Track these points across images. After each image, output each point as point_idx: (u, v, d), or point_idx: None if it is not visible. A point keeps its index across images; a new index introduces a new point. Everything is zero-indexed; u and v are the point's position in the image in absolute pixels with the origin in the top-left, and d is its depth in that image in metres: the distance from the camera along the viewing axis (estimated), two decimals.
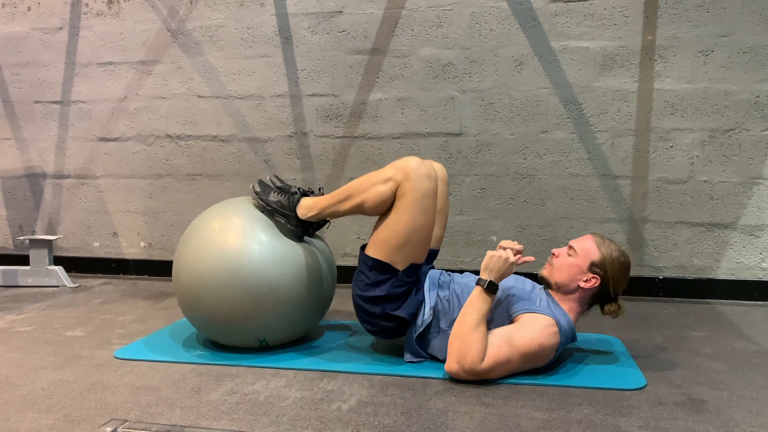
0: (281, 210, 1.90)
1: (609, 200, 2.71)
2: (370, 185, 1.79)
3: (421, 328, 1.79)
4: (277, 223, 1.91)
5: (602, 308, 1.80)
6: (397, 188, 1.76)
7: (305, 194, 1.94)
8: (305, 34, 2.89)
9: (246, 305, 1.80)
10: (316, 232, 2.04)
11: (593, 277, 1.74)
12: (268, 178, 2.02)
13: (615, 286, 1.76)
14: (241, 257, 1.80)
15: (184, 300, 1.88)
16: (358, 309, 1.84)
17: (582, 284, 1.75)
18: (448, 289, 1.84)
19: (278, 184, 1.98)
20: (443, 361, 1.83)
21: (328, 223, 1.99)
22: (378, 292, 1.78)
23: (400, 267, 1.77)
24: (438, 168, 1.99)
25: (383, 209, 1.79)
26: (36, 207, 3.29)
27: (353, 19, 2.84)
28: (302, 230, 1.92)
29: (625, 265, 1.76)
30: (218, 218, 1.89)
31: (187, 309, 1.89)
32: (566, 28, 2.66)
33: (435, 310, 1.80)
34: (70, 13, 3.11)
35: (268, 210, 1.92)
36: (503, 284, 1.78)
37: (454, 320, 1.76)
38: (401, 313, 1.78)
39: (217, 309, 1.81)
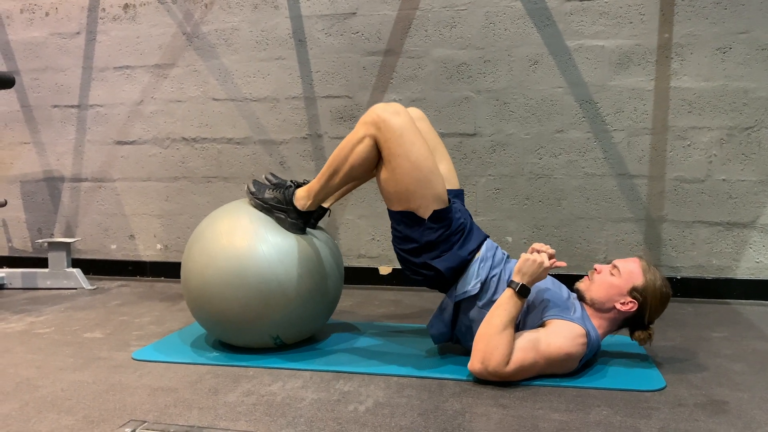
0: (279, 205, 1.91)
1: (626, 200, 2.68)
2: (349, 151, 1.77)
3: (462, 296, 1.76)
4: (278, 219, 1.91)
5: (632, 333, 1.77)
6: (375, 142, 1.74)
7: (300, 186, 1.93)
8: (319, 36, 2.90)
9: (255, 304, 1.81)
10: (323, 228, 2.04)
11: (631, 302, 1.71)
12: (263, 176, 2.03)
13: (651, 315, 1.73)
14: (248, 257, 1.81)
15: (194, 304, 1.90)
16: (402, 261, 1.83)
17: (618, 306, 1.71)
18: (500, 269, 1.80)
19: (274, 180, 1.98)
20: (461, 341, 1.83)
21: (328, 212, 2.00)
22: (413, 243, 1.77)
23: (424, 214, 1.74)
24: (410, 109, 1.98)
25: (372, 166, 1.78)
26: (54, 210, 3.33)
27: (367, 21, 2.84)
28: (303, 222, 1.92)
29: (666, 296, 1.73)
30: (224, 220, 1.90)
31: (197, 312, 1.91)
32: (581, 26, 2.64)
33: (481, 285, 1.77)
34: (87, 18, 3.15)
35: (266, 208, 1.92)
36: (539, 285, 1.76)
37: (491, 301, 1.74)
38: (439, 264, 1.75)
39: (227, 310, 1.82)
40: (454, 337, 1.86)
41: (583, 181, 2.71)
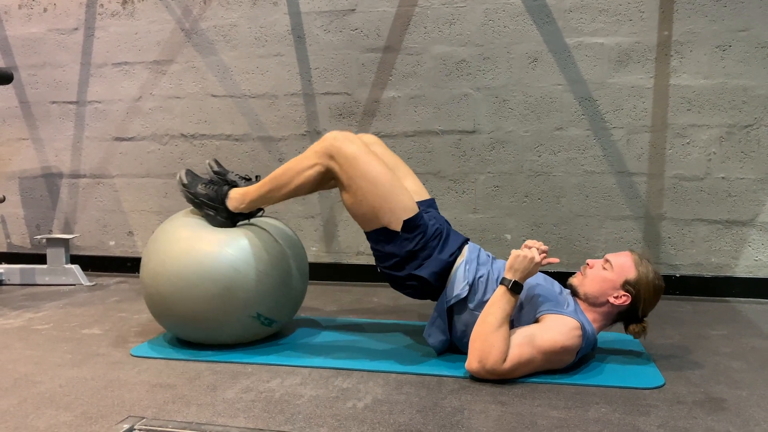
0: (210, 203, 1.93)
1: (625, 197, 2.68)
2: (296, 174, 1.82)
3: (453, 301, 1.77)
4: (206, 216, 1.94)
5: (626, 326, 1.78)
6: (326, 170, 1.79)
7: (235, 185, 1.95)
8: (318, 32, 2.89)
9: (220, 294, 1.82)
10: (259, 215, 2.08)
11: (624, 295, 1.71)
12: (207, 162, 2.04)
13: (644, 308, 1.73)
14: (197, 258, 1.83)
15: (163, 315, 1.91)
16: (389, 279, 1.85)
17: (612, 300, 1.72)
18: (486, 269, 1.81)
19: (216, 168, 2.00)
20: (458, 346, 1.83)
21: (261, 211, 2.02)
22: (394, 258, 1.79)
23: (396, 227, 1.77)
24: (364, 135, 2.03)
25: (316, 189, 1.89)
26: (53, 206, 3.32)
27: (366, 17, 2.83)
28: (233, 221, 1.96)
29: (659, 289, 1.73)
30: (183, 227, 1.92)
31: (170, 324, 1.92)
32: (581, 24, 2.64)
33: (470, 286, 1.78)
34: (86, 13, 3.14)
35: (196, 203, 1.94)
36: (531, 282, 1.77)
37: (482, 302, 1.75)
38: (422, 272, 1.77)
39: (194, 311, 1.84)
40: (453, 343, 1.87)
41: (582, 179, 2.71)
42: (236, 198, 1.91)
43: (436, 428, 1.37)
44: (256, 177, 2.01)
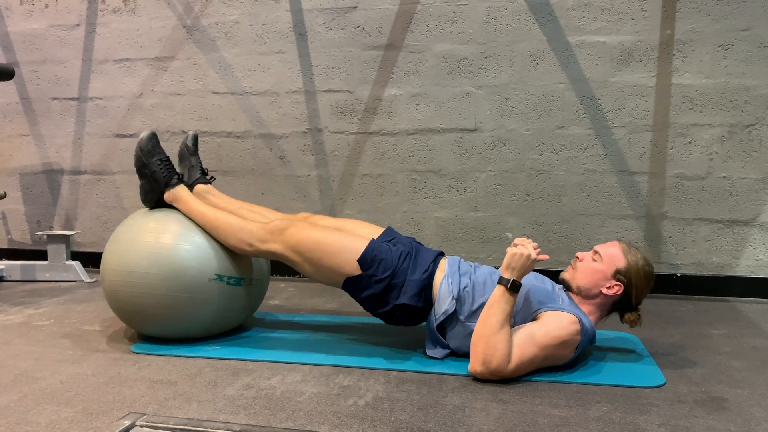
0: (153, 180, 1.99)
1: (626, 197, 2.68)
2: (238, 241, 1.90)
3: (442, 318, 1.77)
4: (141, 186, 2.01)
5: (621, 316, 1.78)
6: (276, 249, 1.86)
7: (183, 181, 2.04)
8: (320, 29, 2.89)
9: (169, 277, 1.85)
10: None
11: (616, 285, 1.72)
12: (189, 134, 2.09)
13: (637, 295, 1.74)
14: (171, 256, 1.86)
15: (123, 312, 1.93)
16: (383, 319, 1.86)
17: (604, 290, 1.73)
18: (469, 278, 1.81)
19: (190, 145, 2.11)
20: (460, 354, 1.83)
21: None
22: (374, 299, 1.81)
23: (356, 272, 1.80)
24: (299, 215, 2.10)
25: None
26: (53, 203, 3.32)
27: (368, 15, 2.83)
28: (155, 203, 2.02)
29: (650, 275, 1.74)
30: (150, 222, 1.95)
31: (139, 322, 1.94)
32: (583, 22, 2.63)
33: (456, 300, 1.77)
34: (87, 9, 3.13)
35: (143, 172, 1.99)
36: (523, 281, 1.76)
37: (472, 312, 1.75)
38: (403, 300, 1.77)
39: (151, 302, 1.87)
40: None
41: (583, 178, 2.71)
42: (176, 197, 1.99)
43: (437, 426, 1.37)
44: (211, 178, 2.13)
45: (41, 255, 3.28)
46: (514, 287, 1.64)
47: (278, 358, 1.82)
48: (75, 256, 3.24)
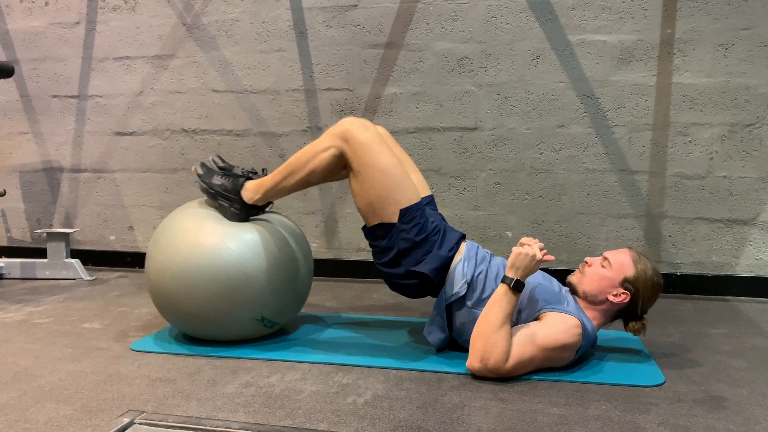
0: (225, 194, 1.92)
1: (626, 196, 2.68)
2: (311, 157, 1.80)
3: (452, 299, 1.77)
4: (220, 207, 1.93)
5: (626, 324, 1.77)
6: (340, 153, 1.77)
7: (249, 177, 1.94)
8: (320, 28, 2.88)
9: (225, 297, 1.81)
10: (266, 211, 2.06)
11: (623, 293, 1.71)
12: (210, 158, 2.03)
13: (644, 305, 1.73)
14: (209, 254, 1.81)
15: (168, 311, 1.90)
16: (386, 277, 1.83)
17: (611, 298, 1.72)
18: (485, 266, 1.80)
19: (220, 164, 2.00)
20: (457, 343, 1.83)
21: (271, 204, 2.01)
22: (391, 253, 1.77)
23: (394, 218, 1.76)
24: (377, 127, 2.00)
25: (331, 176, 1.85)
26: (53, 200, 3.32)
27: (368, 13, 2.82)
28: (245, 214, 1.94)
29: (658, 286, 1.73)
30: (190, 219, 1.90)
31: (173, 318, 1.91)
32: (583, 21, 2.63)
33: (468, 285, 1.77)
34: (87, 7, 3.13)
35: (211, 193, 1.93)
36: (530, 280, 1.76)
37: (481, 300, 1.74)
38: (422, 268, 1.75)
39: (197, 309, 1.83)
40: (453, 340, 1.86)
41: (583, 177, 2.71)
42: (251, 189, 1.90)
43: (436, 424, 1.37)
44: (263, 170, 2.00)
45: (41, 253, 3.28)
46: (517, 287, 1.64)
47: (277, 356, 1.82)
48: (75, 254, 3.24)
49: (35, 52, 3.23)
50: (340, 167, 1.83)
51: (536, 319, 1.70)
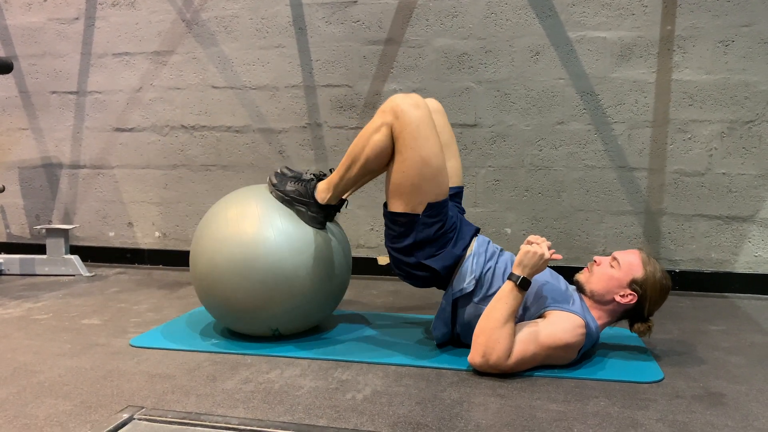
0: (300, 198, 1.90)
1: (625, 192, 2.68)
2: (366, 140, 1.75)
3: (458, 294, 1.76)
4: (298, 212, 1.90)
5: (632, 325, 1.77)
6: (391, 132, 1.72)
7: (320, 179, 1.92)
8: (319, 24, 2.88)
9: (260, 296, 1.81)
10: (337, 222, 2.04)
11: (631, 294, 1.70)
12: (279, 169, 2.02)
13: (650, 307, 1.72)
14: (257, 246, 1.80)
15: (200, 288, 1.89)
16: (394, 260, 1.82)
17: (618, 298, 1.71)
18: (494, 262, 1.80)
19: (290, 174, 1.97)
20: (461, 340, 1.83)
21: (346, 203, 1.99)
22: (407, 241, 1.76)
23: (419, 210, 1.73)
24: (429, 100, 1.96)
25: (387, 159, 1.76)
26: (52, 197, 3.32)
27: (368, 9, 2.82)
28: (323, 216, 1.91)
29: (666, 288, 1.72)
30: (235, 206, 1.89)
31: (203, 296, 1.91)
32: (583, 17, 2.63)
33: (476, 281, 1.77)
34: (86, 3, 3.12)
35: (287, 200, 1.91)
36: (537, 277, 1.75)
37: (487, 296, 1.74)
38: (434, 264, 1.75)
39: (232, 298, 1.82)
40: (455, 335, 1.86)
41: (583, 174, 2.70)
42: (323, 189, 1.88)
43: (435, 420, 1.37)
44: (330, 170, 1.97)
45: (40, 249, 3.27)
46: (523, 284, 1.64)
47: (276, 352, 1.82)
48: (74, 250, 3.23)
49: (34, 48, 3.22)
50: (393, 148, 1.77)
51: (541, 316, 1.70)
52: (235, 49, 2.99)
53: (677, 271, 2.67)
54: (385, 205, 1.82)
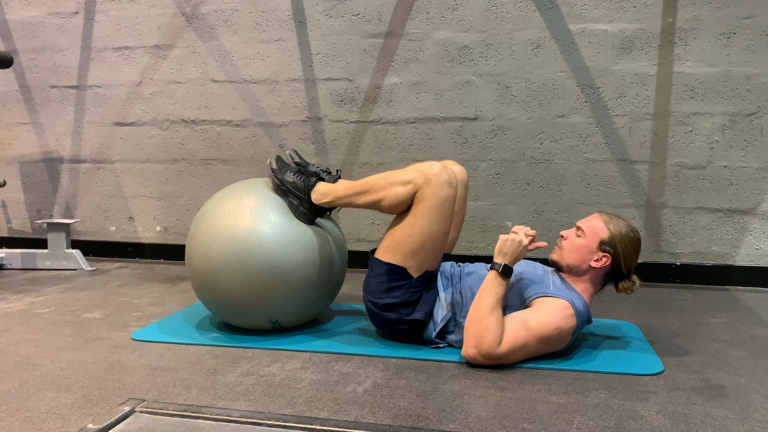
0: (295, 192, 1.90)
1: (626, 185, 2.67)
2: (389, 185, 1.78)
3: (441, 325, 1.78)
4: (290, 204, 1.91)
5: (616, 286, 1.78)
6: (416, 192, 1.75)
7: (321, 178, 1.93)
8: (319, 17, 2.87)
9: (257, 288, 1.81)
10: (329, 215, 2.04)
11: (604, 256, 1.73)
12: (288, 153, 2.02)
13: (627, 263, 1.74)
14: (252, 240, 1.80)
15: (196, 282, 1.90)
16: (373, 315, 1.84)
17: (593, 264, 1.73)
18: (460, 280, 1.83)
19: (296, 159, 1.98)
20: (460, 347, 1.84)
21: (338, 209, 1.99)
22: (392, 299, 1.78)
23: (414, 274, 1.77)
24: (458, 171, 1.99)
25: (400, 210, 1.79)
26: (53, 191, 3.32)
27: (368, 2, 2.81)
28: (314, 214, 1.92)
29: (635, 240, 1.75)
30: (229, 200, 1.89)
31: (199, 291, 1.91)
32: (584, 10, 2.62)
33: (452, 305, 1.80)
34: None
35: (282, 190, 1.91)
36: (514, 268, 1.77)
37: (464, 314, 1.77)
38: (417, 315, 1.78)
39: (228, 292, 1.82)
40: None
41: (584, 167, 2.70)
42: (321, 191, 1.88)
43: (435, 413, 1.38)
44: (337, 171, 1.98)
45: (41, 243, 3.28)
46: (505, 272, 1.66)
47: (277, 345, 1.82)
48: (75, 244, 3.24)
49: (34, 42, 3.22)
50: (409, 206, 1.79)
51: (527, 306, 1.71)
52: (235, 43, 2.98)
53: (678, 263, 2.67)
54: (373, 251, 1.85)
